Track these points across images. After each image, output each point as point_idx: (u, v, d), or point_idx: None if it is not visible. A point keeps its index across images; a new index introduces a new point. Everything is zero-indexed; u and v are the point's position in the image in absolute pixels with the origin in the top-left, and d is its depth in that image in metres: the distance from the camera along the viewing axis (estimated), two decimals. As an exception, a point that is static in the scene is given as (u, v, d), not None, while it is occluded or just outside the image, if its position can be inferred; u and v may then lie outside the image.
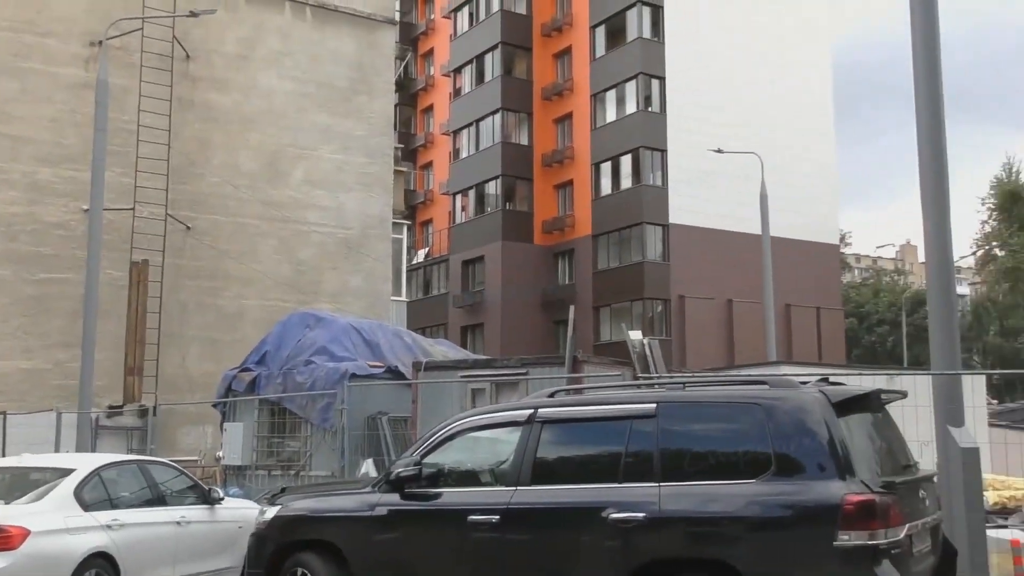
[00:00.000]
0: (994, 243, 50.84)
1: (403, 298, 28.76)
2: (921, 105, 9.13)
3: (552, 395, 6.84)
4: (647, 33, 40.05)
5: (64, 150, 19.89)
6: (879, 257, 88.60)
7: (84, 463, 9.08)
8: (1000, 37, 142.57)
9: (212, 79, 21.68)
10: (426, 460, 6.67)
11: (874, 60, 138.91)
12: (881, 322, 62.33)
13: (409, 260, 42.34)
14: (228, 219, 21.61)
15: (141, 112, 20.15)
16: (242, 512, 9.92)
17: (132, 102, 20.15)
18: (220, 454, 16.36)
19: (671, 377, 11.50)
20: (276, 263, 22.23)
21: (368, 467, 13.33)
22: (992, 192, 50.95)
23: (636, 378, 11.59)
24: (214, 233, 21.38)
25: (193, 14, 19.48)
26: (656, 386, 8.39)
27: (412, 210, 50.92)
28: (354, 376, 14.34)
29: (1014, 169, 51.04)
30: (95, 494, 8.61)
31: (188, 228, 20.96)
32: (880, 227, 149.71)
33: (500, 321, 42.84)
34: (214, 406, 17.22)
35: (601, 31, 41.77)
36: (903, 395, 6.44)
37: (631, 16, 40.25)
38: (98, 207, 17.25)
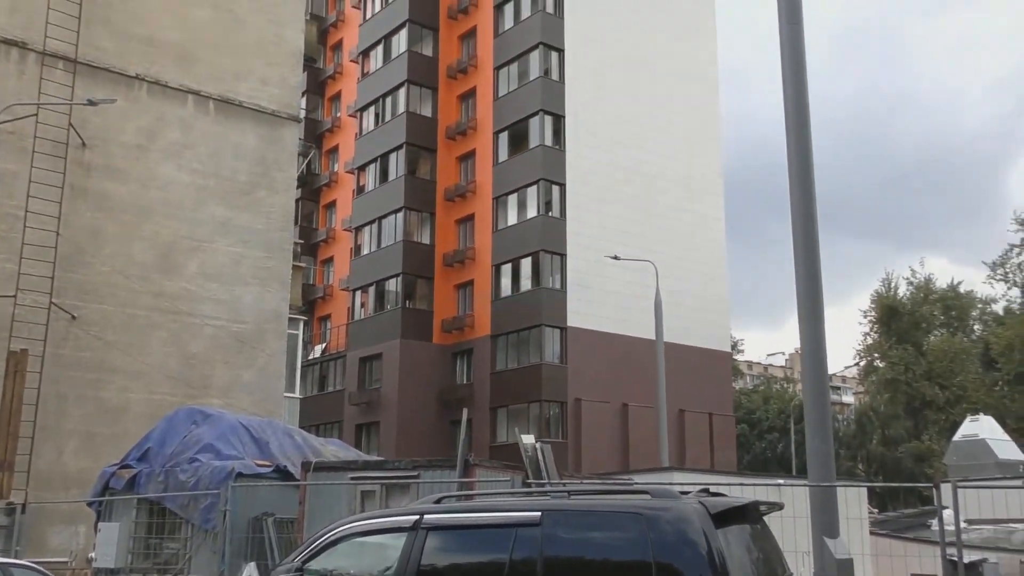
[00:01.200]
0: (875, 354, 52.97)
1: (297, 394, 28.21)
2: (797, 225, 9.63)
3: (439, 501, 6.79)
4: (549, 141, 41.23)
5: (-55, 233, 19.19)
6: (770, 365, 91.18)
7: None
8: (883, 162, 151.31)
9: (108, 168, 21.34)
10: (308, 566, 6.49)
11: (765, 170, 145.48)
12: (771, 429, 63.86)
13: (305, 356, 41.70)
14: (117, 310, 21.02)
15: (30, 198, 19.64)
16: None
17: (21, 187, 19.65)
18: (92, 555, 15.54)
19: (560, 484, 11.52)
20: (165, 356, 21.62)
21: (251, 571, 12.84)
22: (872, 306, 53.30)
23: (526, 483, 11.58)
24: (101, 323, 20.73)
25: (92, 103, 19.27)
26: (544, 492, 8.40)
27: (310, 305, 50.40)
28: (240, 475, 13.92)
29: (892, 284, 53.62)
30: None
31: (74, 317, 20.29)
32: (771, 335, 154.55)
33: (396, 420, 42.34)
34: (89, 504, 16.40)
35: (504, 136, 42.82)
36: (780, 507, 6.62)
37: (534, 124, 41.44)
38: (-23, 294, 16.60)
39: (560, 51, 42.21)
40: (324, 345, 50.26)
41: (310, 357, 47.61)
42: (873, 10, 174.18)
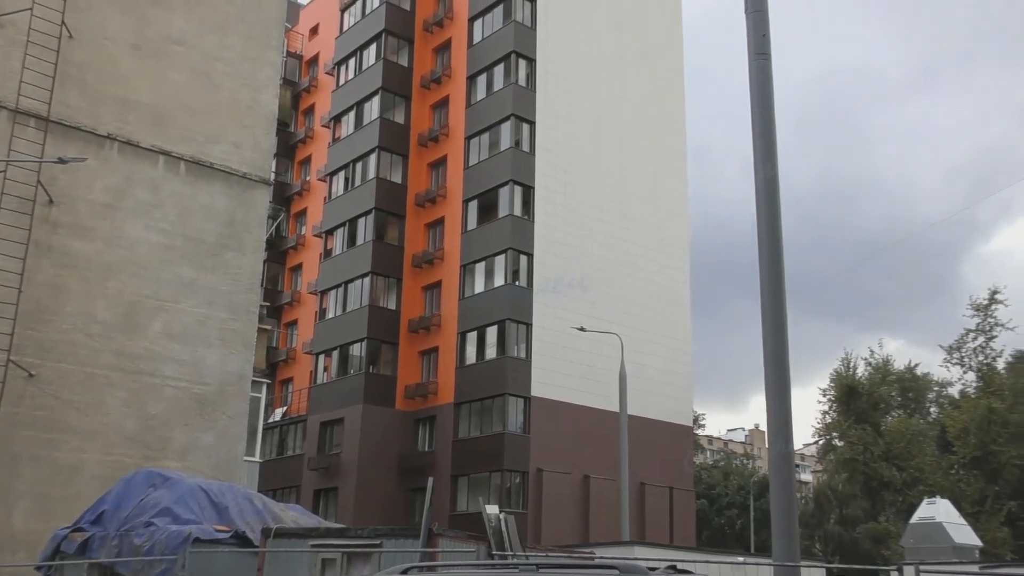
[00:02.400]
0: (834, 433, 53.22)
1: (257, 458, 27.78)
2: (766, 304, 9.80)
3: (405, 572, 6.72)
4: (518, 211, 41.64)
5: (-96, 286, 18.88)
6: (730, 440, 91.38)
7: None
8: (843, 244, 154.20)
9: (75, 226, 21.20)
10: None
11: (730, 248, 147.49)
12: (730, 505, 63.69)
13: (265, 419, 41.17)
14: (76, 368, 20.69)
15: (-6, 254, 19.44)
16: None
17: (-14, 243, 19.45)
18: (39, 623, 15.07)
19: (525, 557, 11.42)
20: (123, 416, 21.25)
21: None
22: (832, 385, 53.73)
23: (491, 555, 11.47)
24: (59, 382, 20.38)
25: (62, 161, 19.20)
26: (511, 565, 8.32)
27: (272, 368, 49.94)
28: (198, 540, 13.62)
29: (852, 364, 54.14)
30: None
31: (31, 375, 19.93)
32: (731, 409, 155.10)
33: (355, 486, 41.77)
34: (38, 568, 15.95)
35: (474, 205, 43.19)
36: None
37: (503, 193, 41.87)
38: (-65, 349, 16.30)
39: (531, 123, 42.89)
40: (285, 408, 49.70)
41: (270, 420, 47.01)
42: (831, 97, 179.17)
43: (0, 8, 20.79)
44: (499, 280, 41.22)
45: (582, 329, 34.64)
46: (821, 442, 56.04)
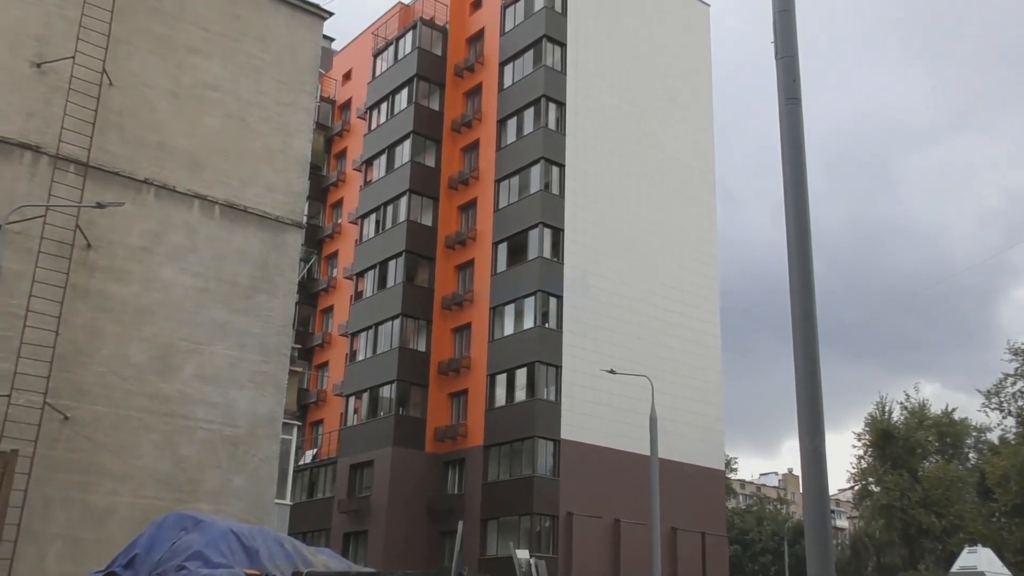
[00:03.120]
0: (870, 479, 52.39)
1: (287, 501, 27.77)
2: (798, 347, 9.70)
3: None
4: (547, 253, 41.74)
5: (-56, 329, 19.19)
6: (763, 485, 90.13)
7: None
8: (875, 287, 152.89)
9: (112, 269, 21.49)
10: None
11: (763, 291, 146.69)
12: (764, 551, 62.74)
13: (296, 461, 41.22)
14: (111, 410, 20.85)
15: (32, 298, 19.70)
16: None
17: (24, 287, 19.73)
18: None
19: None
20: (156, 459, 21.34)
21: None
22: (867, 429, 52.99)
23: (521, 602, 11.37)
24: (93, 425, 20.53)
25: (100, 205, 19.52)
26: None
27: (303, 410, 50.08)
28: (227, 585, 13.59)
29: (886, 408, 53.41)
30: None
31: (66, 418, 20.10)
32: (764, 453, 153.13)
33: (385, 529, 41.60)
34: (70, 612, 16.00)
35: (503, 247, 43.36)
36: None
37: (533, 236, 42.01)
38: (-28, 391, 16.50)
39: (561, 166, 43.13)
40: (315, 451, 49.74)
41: (300, 462, 47.08)
42: (861, 141, 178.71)
43: (43, 56, 21.32)
44: (529, 322, 41.21)
45: (612, 372, 34.47)
46: (857, 487, 55.19)
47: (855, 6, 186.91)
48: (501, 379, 41.73)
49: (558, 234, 42.28)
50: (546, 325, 41.01)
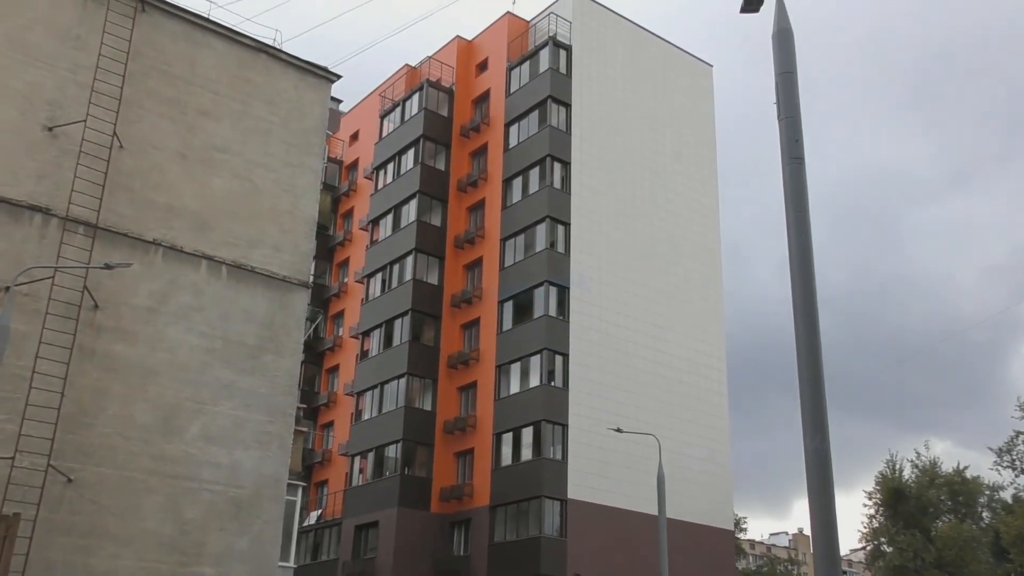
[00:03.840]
0: (882, 539, 51.61)
1: (291, 563, 27.42)
2: (806, 407, 9.65)
3: None
4: (553, 311, 41.73)
5: (-51, 392, 19.15)
6: (773, 545, 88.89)
7: None
8: (881, 343, 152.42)
9: (118, 330, 21.51)
10: None
11: (768, 347, 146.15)
12: (776, 612, 61.58)
13: (300, 522, 40.78)
14: (114, 472, 20.71)
15: (38, 359, 19.71)
16: None
17: (31, 349, 19.75)
18: None
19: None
20: (160, 521, 21.14)
21: None
22: (877, 488, 52.33)
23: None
24: (97, 487, 20.38)
25: (108, 266, 19.63)
26: None
27: (308, 470, 49.72)
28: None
29: (897, 466, 52.81)
30: None
31: (69, 480, 19.98)
32: (773, 513, 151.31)
33: (390, 592, 40.99)
34: None
35: (509, 306, 43.38)
36: None
37: (539, 294, 42.05)
38: (-24, 454, 16.43)
39: (566, 224, 43.33)
40: (320, 512, 49.25)
41: (305, 524, 46.58)
42: (866, 196, 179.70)
43: (56, 120, 21.61)
44: (535, 380, 41.06)
45: (619, 430, 34.22)
46: (869, 547, 54.33)
47: (857, 62, 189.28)
48: (507, 438, 41.47)
49: (564, 292, 42.33)
50: (552, 383, 40.86)
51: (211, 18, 24.83)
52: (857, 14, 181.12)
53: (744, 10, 12.48)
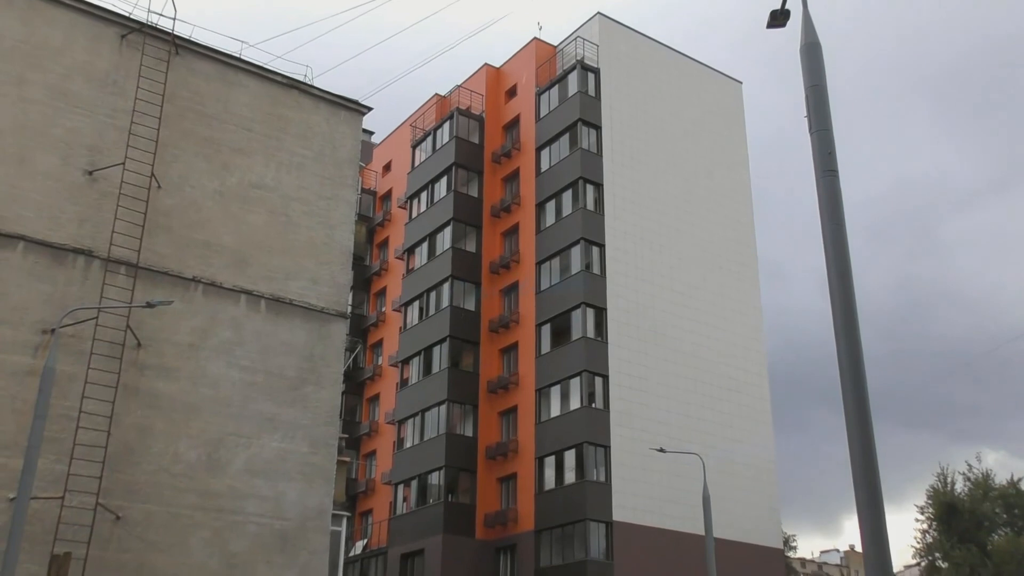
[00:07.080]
0: (936, 554, 50.52)
1: (337, 595, 27.46)
2: (851, 421, 9.53)
3: None
4: (591, 333, 41.59)
5: (-2, 435, 19.47)
6: (824, 563, 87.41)
7: None
8: (925, 354, 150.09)
9: (161, 367, 21.80)
10: None
11: (811, 362, 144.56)
12: (831, 630, 60.40)
13: (346, 552, 40.83)
14: (161, 509, 20.93)
15: (85, 399, 20.03)
16: None
17: (76, 389, 20.08)
18: None
19: None
20: (207, 556, 21.30)
21: None
22: (929, 502, 51.30)
23: None
24: (144, 524, 20.60)
25: (150, 305, 19.93)
26: None
27: (352, 500, 49.80)
28: None
29: (949, 479, 51.75)
30: None
31: (118, 518, 20.21)
32: (824, 531, 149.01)
33: (438, 621, 40.83)
34: None
35: (547, 329, 43.31)
36: None
37: (576, 316, 41.95)
38: (25, 496, 16.67)
39: (600, 246, 43.27)
40: (365, 541, 49.27)
41: (351, 554, 46.61)
42: (904, 206, 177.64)
43: (95, 164, 22.06)
44: (575, 403, 40.90)
45: (662, 450, 33.97)
46: (923, 563, 53.22)
47: (888, 72, 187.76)
48: (550, 461, 41.29)
49: (601, 314, 42.20)
50: (592, 405, 40.68)
51: (243, 57, 25.26)
52: (886, 24, 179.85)
53: (771, 25, 12.48)
